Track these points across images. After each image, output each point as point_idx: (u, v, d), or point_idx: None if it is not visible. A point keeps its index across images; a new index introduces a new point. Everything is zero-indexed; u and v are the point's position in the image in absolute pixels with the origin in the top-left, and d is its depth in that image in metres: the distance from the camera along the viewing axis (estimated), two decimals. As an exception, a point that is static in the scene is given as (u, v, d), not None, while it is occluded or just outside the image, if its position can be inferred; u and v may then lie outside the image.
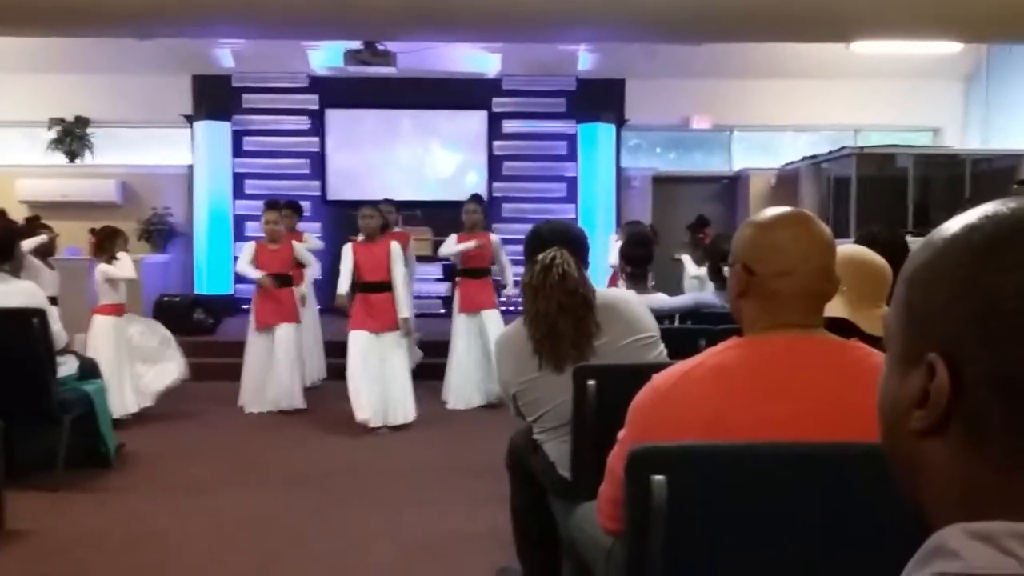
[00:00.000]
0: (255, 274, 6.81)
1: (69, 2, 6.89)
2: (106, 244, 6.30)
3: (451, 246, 7.10)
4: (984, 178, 9.77)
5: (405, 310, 6.32)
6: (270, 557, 3.81)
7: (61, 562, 3.72)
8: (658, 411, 1.64)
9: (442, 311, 9.74)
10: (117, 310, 6.30)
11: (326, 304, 8.06)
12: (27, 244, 6.39)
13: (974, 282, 0.63)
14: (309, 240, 7.92)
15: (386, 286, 6.27)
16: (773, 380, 1.59)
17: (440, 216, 9.97)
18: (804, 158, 10.82)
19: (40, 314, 4.54)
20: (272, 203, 7.08)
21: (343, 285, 6.29)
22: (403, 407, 6.29)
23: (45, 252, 6.60)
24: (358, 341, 6.21)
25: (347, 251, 6.35)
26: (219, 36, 9.76)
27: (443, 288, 10.23)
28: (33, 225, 6.97)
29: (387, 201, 8.13)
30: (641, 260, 4.48)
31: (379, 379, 6.19)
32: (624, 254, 4.52)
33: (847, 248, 2.34)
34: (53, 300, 6.29)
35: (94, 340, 6.21)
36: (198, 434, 6.16)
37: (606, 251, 8.21)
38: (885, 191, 9.69)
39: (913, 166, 9.72)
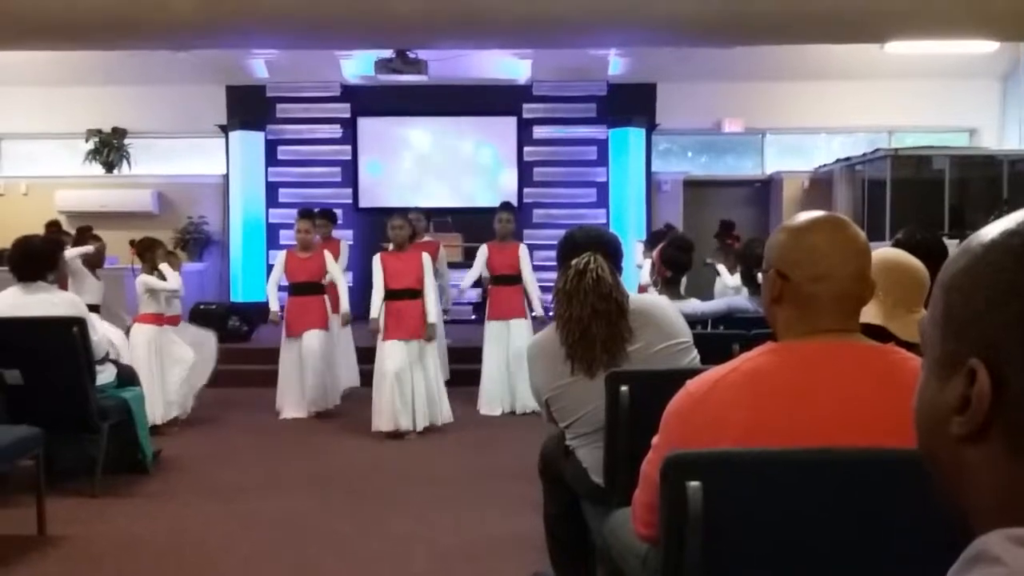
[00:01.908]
0: (274, 303, 7.03)
1: (105, 17, 7.01)
2: (146, 255, 6.42)
3: (475, 268, 7.24)
4: (1022, 179, 9.61)
5: (432, 316, 6.37)
6: (309, 561, 3.83)
7: (100, 567, 3.78)
8: (693, 417, 1.64)
9: (472, 317, 9.76)
10: (157, 319, 6.39)
11: (358, 312, 8.11)
12: (71, 252, 6.53)
13: (1015, 287, 0.62)
14: (343, 247, 7.94)
15: (414, 293, 6.30)
16: (809, 385, 1.58)
17: (470, 222, 9.99)
18: (838, 161, 10.73)
19: (80, 323, 4.62)
20: (306, 212, 7.15)
21: (376, 305, 6.34)
22: (438, 410, 6.36)
23: (93, 263, 6.72)
24: (388, 352, 6.26)
25: (376, 264, 6.40)
26: (253, 47, 9.87)
27: (474, 294, 10.24)
28: (85, 236, 7.08)
29: (416, 210, 8.19)
30: (683, 266, 4.45)
31: (410, 385, 6.23)
32: (667, 258, 4.45)
33: (883, 252, 2.31)
34: (96, 308, 6.43)
35: (134, 348, 6.29)
36: (234, 439, 6.22)
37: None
38: (921, 193, 9.58)
39: (949, 168, 9.59)
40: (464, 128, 11.32)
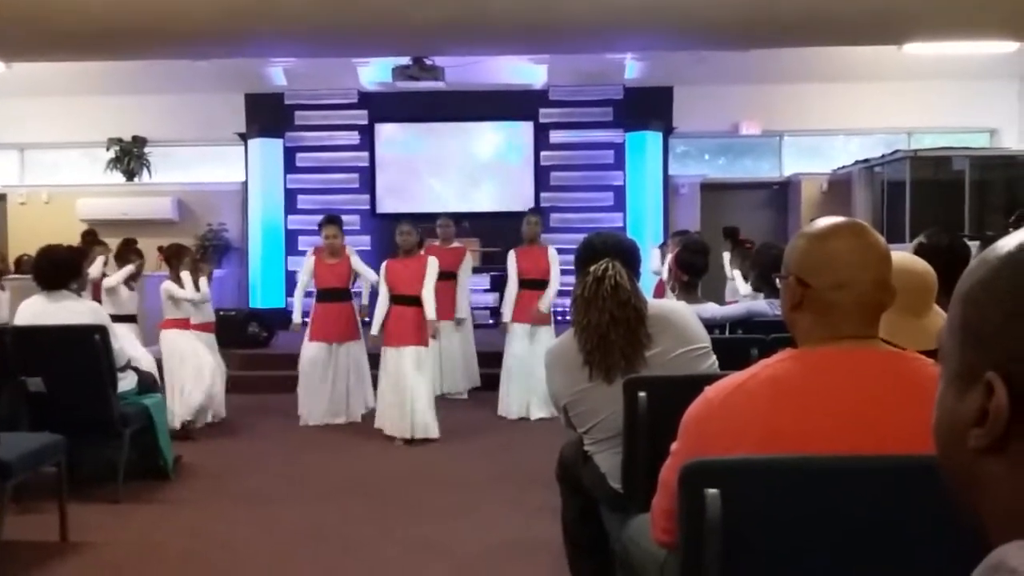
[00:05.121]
0: (298, 315, 6.96)
1: (126, 27, 7.08)
2: (172, 261, 6.49)
3: (511, 277, 7.12)
4: (1044, 179, 9.53)
5: (431, 314, 6.28)
6: (329, 566, 3.85)
7: (122, 573, 3.81)
8: (711, 423, 1.64)
9: (491, 322, 9.77)
10: (181, 325, 6.45)
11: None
12: (120, 275, 6.63)
13: None
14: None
15: (417, 300, 6.26)
16: (828, 392, 1.57)
17: (488, 227, 10.02)
18: (856, 162, 10.67)
19: (102, 331, 4.67)
20: (332, 217, 7.04)
21: (378, 321, 6.34)
22: (425, 423, 6.20)
23: (130, 276, 6.83)
24: (388, 358, 6.28)
25: (382, 270, 6.41)
26: (271, 55, 9.94)
27: (491, 299, 10.26)
28: (128, 249, 7.11)
29: (446, 215, 8.20)
30: (699, 269, 4.41)
31: (403, 392, 6.17)
32: (682, 261, 4.42)
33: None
34: (132, 318, 6.53)
35: (162, 353, 6.41)
36: (253, 445, 6.25)
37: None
38: (940, 195, 9.52)
39: (969, 169, 9.52)
40: (481, 133, 11.35)
